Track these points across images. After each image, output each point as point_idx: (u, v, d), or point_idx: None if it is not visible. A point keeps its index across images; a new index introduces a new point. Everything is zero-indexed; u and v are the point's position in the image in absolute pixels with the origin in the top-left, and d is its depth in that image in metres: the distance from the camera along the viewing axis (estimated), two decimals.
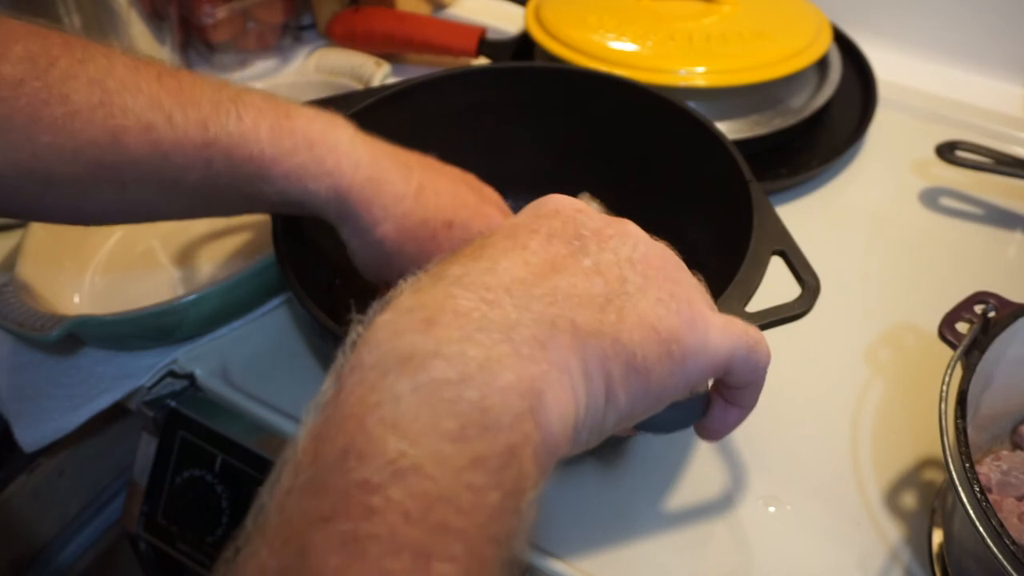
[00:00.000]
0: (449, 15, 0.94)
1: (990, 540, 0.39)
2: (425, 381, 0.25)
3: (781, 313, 0.44)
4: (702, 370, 0.31)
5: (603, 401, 0.29)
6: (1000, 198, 0.72)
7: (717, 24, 0.75)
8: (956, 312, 0.50)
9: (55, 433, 0.57)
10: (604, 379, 0.28)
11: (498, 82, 0.63)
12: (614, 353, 0.28)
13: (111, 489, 0.91)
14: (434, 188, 0.49)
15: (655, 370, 0.29)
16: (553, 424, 0.26)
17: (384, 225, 0.47)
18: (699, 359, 0.31)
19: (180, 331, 0.59)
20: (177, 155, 0.42)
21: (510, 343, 0.26)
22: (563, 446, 0.27)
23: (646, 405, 0.30)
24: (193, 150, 0.42)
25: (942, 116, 0.80)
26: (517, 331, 0.27)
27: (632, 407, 0.29)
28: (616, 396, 0.29)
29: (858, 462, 0.53)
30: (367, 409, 0.24)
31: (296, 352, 0.60)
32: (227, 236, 0.68)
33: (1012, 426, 0.52)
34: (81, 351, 0.60)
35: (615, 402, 0.29)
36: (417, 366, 0.25)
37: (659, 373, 0.29)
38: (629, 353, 0.28)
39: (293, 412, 0.56)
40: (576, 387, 0.27)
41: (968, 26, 0.86)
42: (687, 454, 0.54)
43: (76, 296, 0.64)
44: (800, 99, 0.77)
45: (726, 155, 0.54)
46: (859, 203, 0.72)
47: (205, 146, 0.42)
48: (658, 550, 0.49)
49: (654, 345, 0.29)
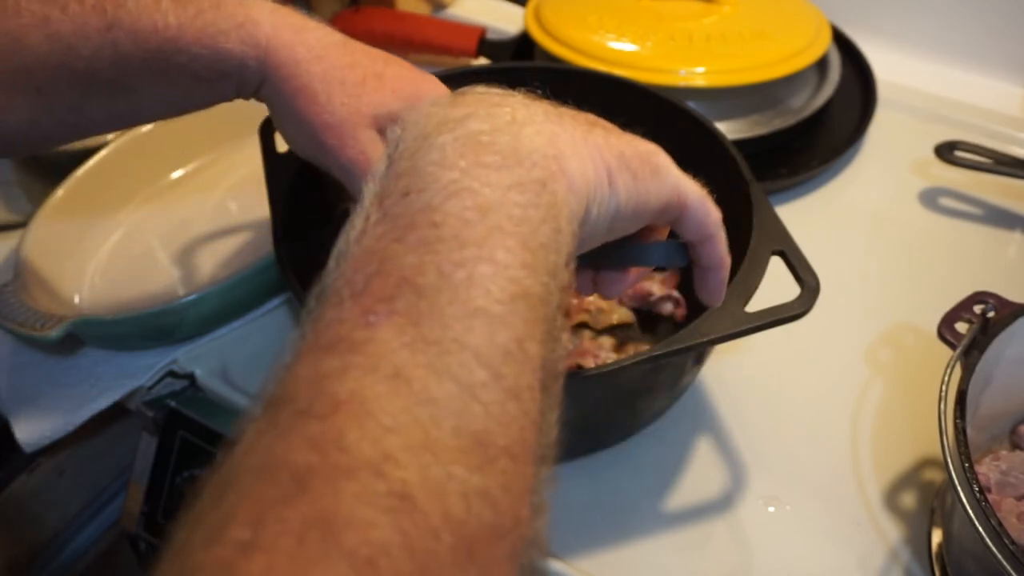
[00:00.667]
0: (449, 15, 0.94)
1: (989, 540, 0.39)
2: (463, 133, 0.29)
3: (781, 313, 0.44)
4: (671, 188, 0.35)
5: (606, 184, 0.32)
6: (999, 198, 0.72)
7: (717, 24, 0.76)
8: (955, 312, 0.50)
9: (55, 433, 0.57)
10: (604, 164, 0.32)
11: (498, 82, 0.63)
12: (607, 147, 0.32)
13: (111, 489, 0.91)
14: (362, 46, 0.47)
15: (639, 172, 0.33)
16: (574, 172, 0.30)
17: (308, 67, 0.44)
18: (668, 178, 0.34)
19: (180, 331, 0.59)
20: (81, 45, 0.41)
21: (528, 112, 0.31)
22: (582, 200, 0.31)
23: (635, 204, 0.34)
24: (96, 35, 0.41)
25: (942, 116, 0.80)
26: (531, 108, 0.31)
27: (627, 199, 0.33)
28: (615, 183, 0.32)
29: (858, 462, 0.53)
30: (417, 159, 0.28)
31: None
32: (227, 236, 0.68)
33: (1011, 426, 0.52)
34: (81, 351, 0.60)
35: (615, 187, 0.32)
36: (454, 124, 0.29)
37: (642, 176, 0.33)
38: (619, 151, 0.33)
39: None
40: (583, 157, 0.31)
41: (968, 26, 0.86)
42: (687, 454, 0.54)
43: (76, 296, 0.64)
44: (800, 99, 0.77)
45: (726, 155, 0.54)
46: (859, 203, 0.72)
47: (107, 29, 0.41)
48: (658, 550, 0.49)
49: (636, 153, 0.33)
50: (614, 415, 0.51)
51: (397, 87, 0.45)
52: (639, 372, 0.44)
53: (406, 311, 0.24)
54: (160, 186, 0.73)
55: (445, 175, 0.27)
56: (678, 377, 0.50)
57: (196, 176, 0.74)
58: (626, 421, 0.52)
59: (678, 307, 0.59)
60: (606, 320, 0.59)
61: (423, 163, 0.28)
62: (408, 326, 0.24)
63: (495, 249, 0.26)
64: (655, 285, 0.59)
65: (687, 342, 0.43)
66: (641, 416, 0.52)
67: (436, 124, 0.29)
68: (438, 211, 0.27)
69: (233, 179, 0.73)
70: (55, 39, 0.40)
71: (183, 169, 0.74)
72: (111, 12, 0.41)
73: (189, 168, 0.75)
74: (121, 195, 0.71)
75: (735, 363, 0.59)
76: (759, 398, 0.57)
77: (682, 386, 0.52)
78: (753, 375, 0.58)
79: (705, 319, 0.44)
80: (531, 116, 0.31)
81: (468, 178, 0.27)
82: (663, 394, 0.51)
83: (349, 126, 0.44)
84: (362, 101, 0.44)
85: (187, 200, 0.72)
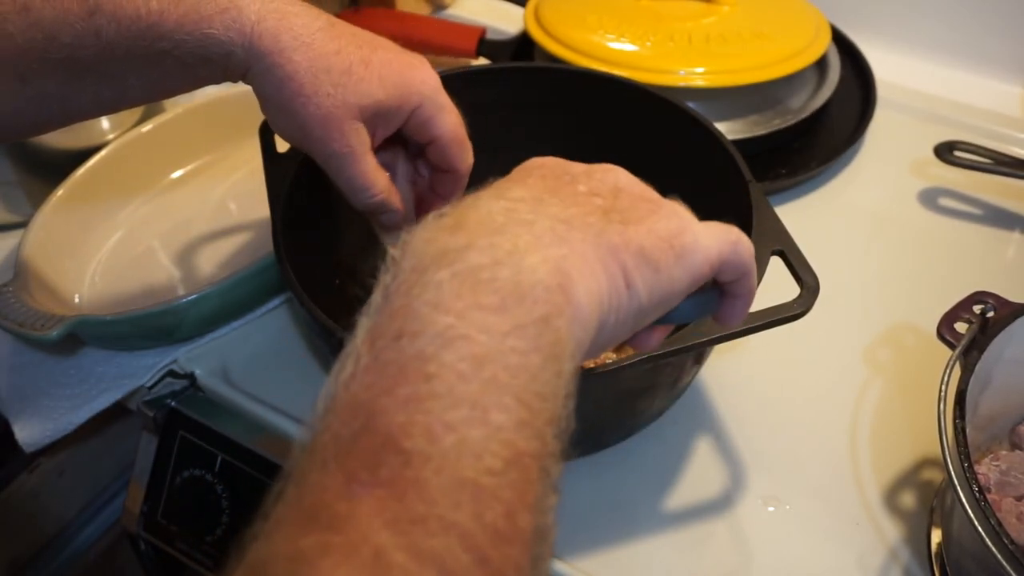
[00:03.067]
0: (449, 15, 0.94)
1: (989, 540, 0.39)
2: (462, 268, 0.27)
3: (780, 313, 0.44)
4: (700, 265, 0.33)
5: (624, 287, 0.31)
6: (999, 198, 0.72)
7: (717, 24, 0.76)
8: (955, 312, 0.50)
9: (55, 433, 0.57)
10: (620, 267, 0.31)
11: (498, 82, 0.63)
12: (624, 245, 0.31)
13: (111, 489, 0.92)
14: (349, 30, 0.46)
15: (662, 262, 0.32)
16: (581, 299, 0.29)
17: (293, 56, 0.43)
18: (696, 256, 0.33)
19: (180, 331, 0.59)
20: (63, 32, 0.40)
21: (532, 235, 0.29)
22: (592, 322, 0.30)
23: (661, 295, 0.32)
24: (78, 22, 0.40)
25: (941, 116, 0.80)
26: (536, 227, 0.30)
27: (649, 296, 0.32)
28: (635, 284, 0.31)
29: (857, 462, 0.53)
30: (413, 298, 0.27)
31: (296, 352, 0.60)
32: (227, 236, 0.68)
33: (1011, 426, 0.52)
34: (81, 351, 0.61)
35: (635, 289, 0.31)
36: (453, 258, 0.28)
37: (666, 265, 0.32)
38: (637, 244, 0.31)
39: (293, 412, 0.56)
40: (596, 272, 0.30)
41: (967, 26, 0.86)
42: (687, 454, 0.54)
43: (76, 296, 0.64)
44: (799, 99, 0.78)
45: (725, 155, 0.54)
46: (858, 203, 0.72)
47: (88, 15, 0.40)
48: (658, 550, 0.49)
49: (657, 241, 0.32)
50: (614, 415, 0.51)
51: (384, 74, 0.45)
52: (639, 372, 0.44)
53: (391, 481, 0.23)
54: (160, 186, 0.73)
55: (441, 319, 0.26)
56: (678, 377, 0.50)
57: (196, 176, 0.74)
58: (626, 421, 0.52)
59: None
60: None
61: (418, 303, 0.27)
62: (391, 500, 0.23)
63: (489, 409, 0.25)
64: None
65: (687, 342, 0.43)
66: (641, 416, 0.52)
67: (434, 256, 0.28)
68: (432, 361, 0.25)
69: (233, 179, 0.73)
70: (36, 27, 0.39)
71: (183, 169, 0.74)
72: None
73: (189, 168, 0.75)
74: (121, 195, 0.71)
75: (735, 363, 0.59)
76: (759, 398, 0.57)
77: (682, 386, 0.52)
78: (753, 375, 0.58)
79: (705, 319, 0.44)
80: (536, 240, 0.29)
81: (464, 324, 0.26)
82: (663, 394, 0.51)
83: (334, 119, 0.44)
84: (348, 91, 0.44)
85: (187, 200, 0.72)
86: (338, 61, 0.44)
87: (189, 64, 0.43)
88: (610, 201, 0.33)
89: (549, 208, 0.31)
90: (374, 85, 0.44)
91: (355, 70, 0.44)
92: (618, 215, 0.32)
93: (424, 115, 0.46)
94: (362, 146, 0.46)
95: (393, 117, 0.46)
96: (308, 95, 0.43)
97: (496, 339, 0.26)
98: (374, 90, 0.44)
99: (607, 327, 0.31)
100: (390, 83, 0.45)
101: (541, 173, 0.34)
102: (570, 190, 0.33)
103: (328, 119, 0.44)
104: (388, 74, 0.45)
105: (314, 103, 0.44)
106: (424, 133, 0.47)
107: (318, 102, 0.44)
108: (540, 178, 0.33)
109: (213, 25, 0.42)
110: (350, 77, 0.44)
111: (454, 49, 0.82)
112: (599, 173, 0.34)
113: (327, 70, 0.43)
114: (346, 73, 0.44)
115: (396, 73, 0.45)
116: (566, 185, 0.33)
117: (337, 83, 0.44)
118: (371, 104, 0.44)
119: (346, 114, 0.44)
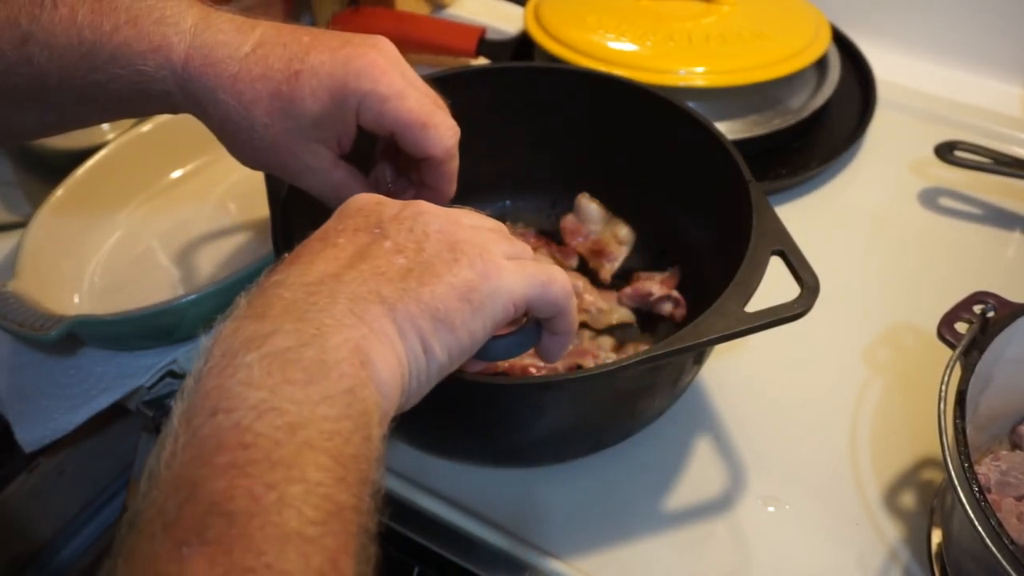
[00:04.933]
0: (449, 15, 0.94)
1: (989, 540, 0.39)
2: (269, 350, 0.29)
3: (780, 313, 0.44)
4: (503, 309, 0.35)
5: (422, 354, 0.33)
6: (999, 198, 0.72)
7: (717, 24, 0.76)
8: (955, 312, 0.50)
9: (55, 433, 0.57)
10: (418, 335, 0.33)
11: (498, 82, 0.63)
12: (419, 311, 0.33)
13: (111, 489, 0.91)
14: (280, 41, 0.42)
15: (458, 318, 0.34)
16: (382, 373, 0.31)
17: (222, 94, 0.41)
18: (496, 301, 0.35)
19: (180, 331, 0.59)
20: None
21: (333, 319, 0.31)
22: (395, 391, 0.32)
23: (460, 349, 0.34)
24: (10, 49, 0.40)
25: (941, 116, 0.80)
26: (335, 309, 0.31)
27: (448, 354, 0.34)
28: (432, 348, 0.33)
29: (857, 462, 0.53)
30: (225, 378, 0.28)
31: None
32: (227, 236, 0.68)
33: (1011, 426, 0.52)
34: (81, 351, 0.60)
35: (432, 354, 0.34)
36: (260, 343, 0.29)
37: (463, 320, 0.34)
38: (432, 308, 0.33)
39: None
40: (395, 345, 0.32)
41: (967, 26, 0.86)
42: (687, 454, 0.54)
43: (76, 296, 0.64)
44: (799, 99, 0.78)
45: (726, 155, 0.54)
46: (858, 203, 0.72)
47: (22, 42, 0.40)
48: (658, 550, 0.49)
49: (453, 299, 0.34)
50: (614, 415, 0.51)
51: (315, 84, 0.41)
52: (639, 372, 0.44)
53: (218, 540, 0.24)
54: (160, 186, 0.73)
55: (254, 395, 0.27)
56: (678, 377, 0.50)
57: (196, 176, 0.74)
58: (626, 421, 0.52)
59: (677, 307, 0.59)
60: (606, 320, 0.59)
61: (231, 383, 0.28)
62: (221, 555, 0.24)
63: (306, 467, 0.26)
64: (655, 285, 0.59)
65: (687, 342, 0.43)
66: (641, 416, 0.52)
67: (243, 341, 0.29)
68: (248, 431, 0.26)
69: (233, 179, 0.73)
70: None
71: (183, 169, 0.74)
72: (25, 25, 0.40)
73: (189, 168, 0.75)
74: (121, 195, 0.71)
75: (735, 363, 0.59)
76: (759, 398, 0.57)
77: (682, 386, 0.52)
78: (753, 375, 0.58)
79: (705, 319, 0.44)
80: (336, 323, 0.31)
81: (276, 397, 0.28)
82: (663, 394, 0.51)
83: (279, 146, 0.43)
84: (282, 117, 0.42)
85: (187, 200, 0.72)
86: (265, 87, 0.41)
87: (127, 97, 0.42)
88: (412, 257, 0.34)
89: (348, 286, 0.32)
90: (306, 101, 0.42)
91: (282, 91, 0.41)
92: (417, 275, 0.34)
93: (370, 110, 0.42)
94: (320, 161, 0.44)
95: (339, 122, 0.43)
96: (246, 131, 0.42)
97: (307, 408, 0.28)
98: (308, 106, 0.42)
99: (411, 391, 0.33)
100: (322, 91, 0.42)
101: (355, 225, 0.36)
102: (376, 249, 0.34)
103: (273, 148, 0.43)
104: (319, 83, 0.42)
105: (256, 136, 0.42)
106: (380, 126, 0.43)
107: (259, 135, 0.42)
108: (352, 233, 0.35)
109: (147, 62, 0.41)
110: (279, 101, 0.41)
111: (454, 49, 0.82)
112: (408, 220, 0.36)
113: (255, 101, 0.41)
114: (275, 97, 0.41)
115: (328, 77, 0.42)
116: (374, 243, 0.35)
117: (269, 111, 0.42)
118: (309, 121, 0.42)
119: (289, 138, 0.43)
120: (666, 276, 0.61)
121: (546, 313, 0.38)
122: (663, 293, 0.59)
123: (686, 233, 0.61)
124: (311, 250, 0.35)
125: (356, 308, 0.32)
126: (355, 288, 0.32)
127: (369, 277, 0.33)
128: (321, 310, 0.31)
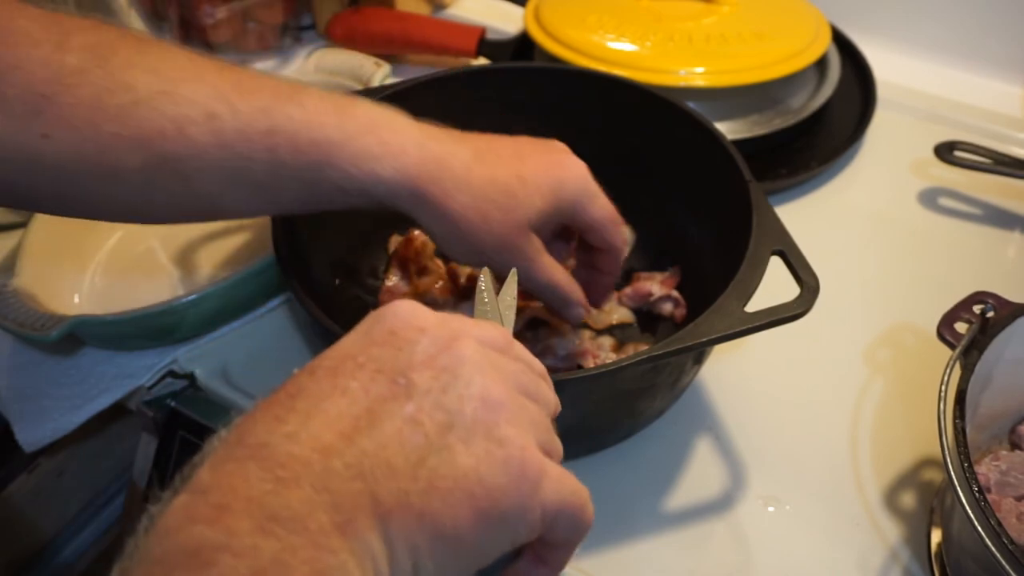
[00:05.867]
0: (449, 15, 0.94)
1: (989, 540, 0.39)
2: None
3: (780, 313, 0.44)
4: (529, 525, 0.29)
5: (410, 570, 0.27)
6: (999, 198, 0.72)
7: (717, 24, 0.76)
8: (955, 312, 0.50)
9: (55, 433, 0.57)
10: (409, 552, 0.27)
11: (498, 82, 0.63)
12: (419, 527, 0.26)
13: (111, 489, 0.92)
14: (493, 149, 0.48)
15: (468, 536, 0.27)
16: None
17: (458, 196, 0.45)
18: (526, 516, 0.28)
19: (180, 331, 0.59)
20: (241, 145, 0.41)
21: (305, 533, 0.24)
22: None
23: (458, 568, 0.28)
24: (258, 138, 0.42)
25: (941, 116, 0.80)
26: (313, 518, 0.25)
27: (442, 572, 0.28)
28: (423, 565, 0.27)
29: (857, 462, 0.53)
30: None
31: (296, 352, 0.60)
32: (227, 236, 0.68)
33: (1011, 426, 0.52)
34: (81, 351, 0.60)
35: (423, 570, 0.27)
36: (205, 561, 0.23)
37: (473, 538, 0.27)
38: (437, 524, 0.27)
39: None
40: (379, 565, 0.26)
41: (967, 26, 0.86)
42: (687, 454, 0.54)
43: (76, 296, 0.64)
44: (799, 99, 0.78)
45: (726, 155, 0.54)
46: (858, 203, 0.72)
47: (269, 134, 0.42)
48: (658, 550, 0.49)
49: (468, 511, 0.27)
50: (614, 415, 0.51)
51: (540, 183, 0.47)
52: (639, 372, 0.44)
53: None
54: None
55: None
56: (678, 377, 0.50)
57: None
58: (626, 421, 0.52)
59: (678, 307, 0.59)
60: (606, 320, 0.59)
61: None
62: None
63: None
64: (655, 285, 0.59)
65: (687, 342, 0.43)
66: (641, 416, 0.52)
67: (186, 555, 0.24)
68: None
69: None
70: (217, 135, 0.41)
71: None
72: (275, 119, 0.42)
73: None
74: None
75: (735, 363, 0.59)
76: (759, 398, 0.57)
77: (682, 386, 0.52)
78: (753, 375, 0.58)
79: (705, 319, 0.44)
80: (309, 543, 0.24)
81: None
82: (663, 394, 0.51)
83: (508, 238, 0.46)
84: (514, 212, 0.46)
85: None
86: (497, 188, 0.46)
87: (348, 192, 0.44)
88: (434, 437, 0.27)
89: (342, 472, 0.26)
90: (534, 198, 0.46)
91: (513, 190, 0.46)
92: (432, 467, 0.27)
93: (580, 207, 0.48)
94: (537, 252, 0.48)
95: (556, 217, 0.48)
96: (479, 225, 0.46)
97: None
98: (535, 202, 0.47)
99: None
100: (547, 189, 0.47)
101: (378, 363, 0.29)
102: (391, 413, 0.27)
103: (502, 240, 0.46)
104: (543, 182, 0.47)
105: (485, 231, 0.46)
106: (581, 221, 0.49)
107: (488, 229, 0.46)
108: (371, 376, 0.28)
109: (382, 166, 0.44)
110: (512, 199, 0.46)
111: (454, 49, 0.82)
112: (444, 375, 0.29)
113: (490, 199, 0.46)
114: (507, 195, 0.46)
115: (549, 177, 0.47)
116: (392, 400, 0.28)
117: (502, 207, 0.46)
118: (536, 215, 0.47)
119: (517, 231, 0.46)
120: (666, 276, 0.61)
121: (558, 540, 0.30)
122: (663, 293, 0.59)
123: (686, 233, 0.61)
124: (318, 390, 0.28)
125: (339, 519, 0.25)
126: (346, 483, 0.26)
127: (369, 466, 0.26)
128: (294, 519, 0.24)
